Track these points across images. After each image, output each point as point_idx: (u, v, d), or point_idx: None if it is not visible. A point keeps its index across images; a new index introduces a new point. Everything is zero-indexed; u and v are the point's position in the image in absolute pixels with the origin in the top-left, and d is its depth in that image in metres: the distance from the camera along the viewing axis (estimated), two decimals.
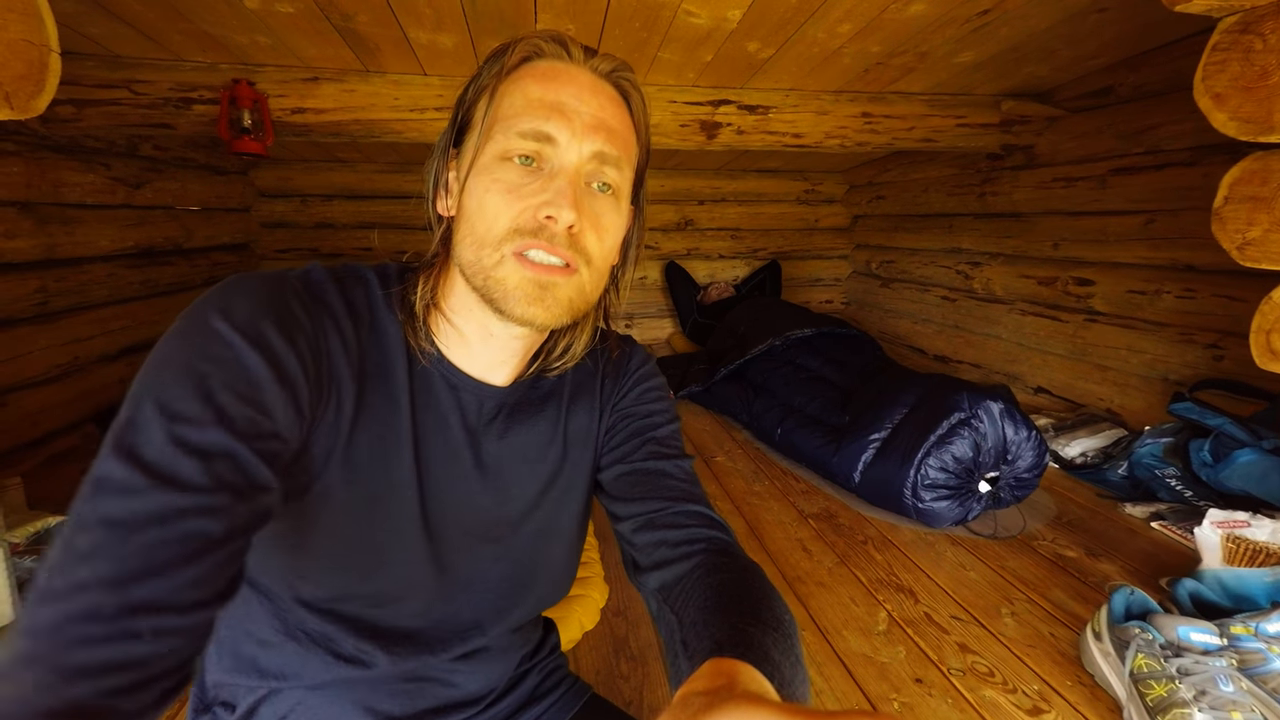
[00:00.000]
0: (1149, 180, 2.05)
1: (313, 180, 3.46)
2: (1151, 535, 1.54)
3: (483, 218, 0.49)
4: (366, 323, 0.52)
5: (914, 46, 1.93)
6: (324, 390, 0.47)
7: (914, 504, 1.54)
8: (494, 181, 0.49)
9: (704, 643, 0.43)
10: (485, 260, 0.49)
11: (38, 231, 1.91)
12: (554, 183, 0.49)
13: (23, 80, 0.68)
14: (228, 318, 0.41)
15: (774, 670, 0.38)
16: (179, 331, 0.41)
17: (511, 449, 0.58)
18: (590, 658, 1.13)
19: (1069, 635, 1.18)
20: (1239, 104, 0.91)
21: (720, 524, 0.58)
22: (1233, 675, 0.89)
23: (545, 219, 0.48)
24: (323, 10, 1.61)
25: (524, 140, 0.49)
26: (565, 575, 0.64)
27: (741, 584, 0.49)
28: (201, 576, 0.36)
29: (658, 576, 0.54)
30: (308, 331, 0.45)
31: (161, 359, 0.40)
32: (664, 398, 0.67)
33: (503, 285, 0.49)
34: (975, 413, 1.53)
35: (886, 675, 1.08)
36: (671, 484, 0.59)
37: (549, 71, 0.51)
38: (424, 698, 0.58)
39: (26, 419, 1.89)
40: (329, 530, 0.50)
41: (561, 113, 0.49)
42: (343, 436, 0.49)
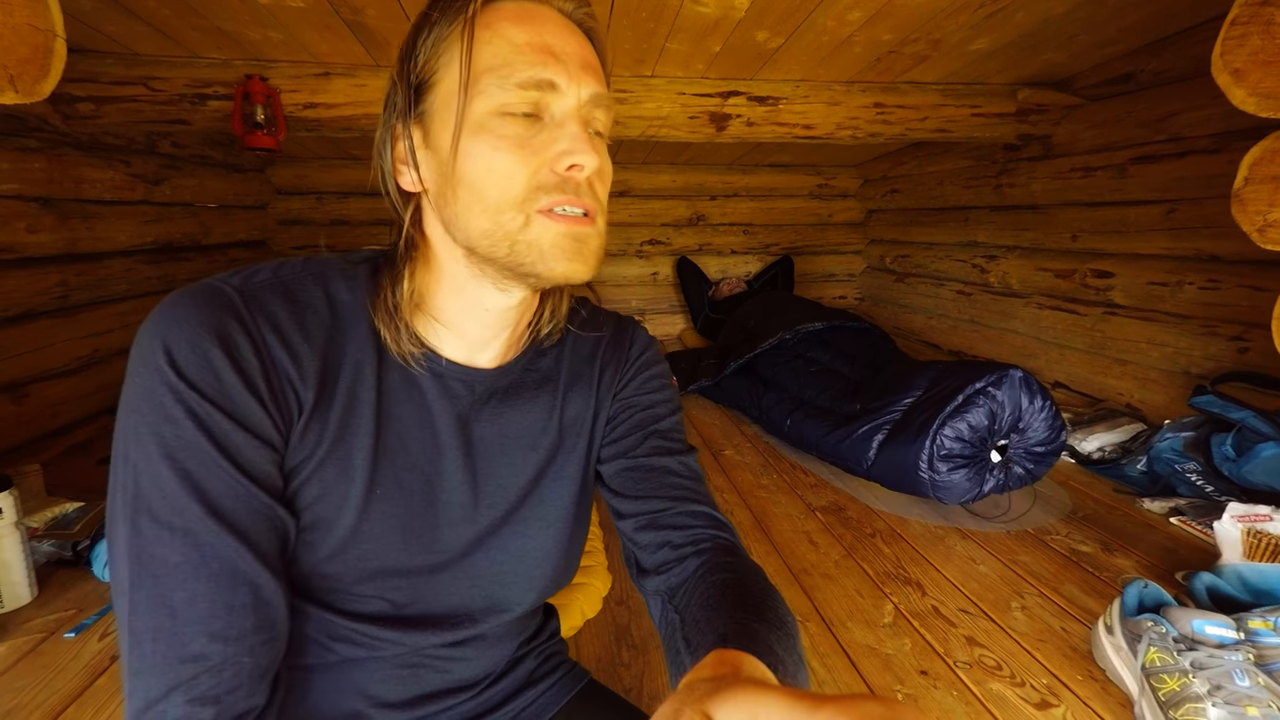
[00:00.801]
0: (1171, 169, 1.99)
1: (328, 177, 3.50)
2: (1170, 530, 1.50)
3: (495, 180, 0.46)
4: (324, 321, 0.49)
5: (926, 34, 1.90)
6: (281, 405, 0.46)
7: (930, 477, 1.51)
8: (500, 139, 0.46)
9: (706, 637, 0.42)
10: (508, 224, 0.46)
11: (59, 227, 1.96)
12: (565, 129, 0.46)
13: (27, 64, 0.70)
14: (176, 371, 0.42)
15: (777, 663, 0.38)
16: (135, 394, 0.42)
17: (503, 435, 0.57)
18: (592, 645, 1.13)
19: (1081, 630, 1.15)
20: (1259, 79, 0.88)
21: (724, 524, 0.57)
22: (1249, 670, 0.86)
23: (568, 169, 0.46)
24: (333, 5, 1.62)
25: (525, 90, 0.46)
26: (563, 564, 0.62)
27: (744, 584, 0.48)
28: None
29: (662, 580, 0.53)
30: (249, 353, 0.44)
31: (132, 430, 0.42)
32: (666, 385, 0.66)
33: (536, 246, 0.46)
34: (996, 380, 1.51)
35: (891, 667, 1.07)
36: (675, 481, 0.58)
37: (523, 12, 0.47)
38: (419, 683, 0.58)
39: (47, 409, 1.94)
40: (316, 527, 0.49)
41: (554, 56, 0.46)
42: (308, 446, 0.48)
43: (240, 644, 0.43)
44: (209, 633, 0.42)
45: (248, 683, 0.43)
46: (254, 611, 0.44)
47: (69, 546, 1.36)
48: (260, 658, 0.44)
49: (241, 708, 0.43)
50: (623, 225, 3.85)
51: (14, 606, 1.20)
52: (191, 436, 0.42)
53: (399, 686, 0.57)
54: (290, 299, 0.48)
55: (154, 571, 0.41)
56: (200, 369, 0.42)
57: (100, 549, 1.31)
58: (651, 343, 0.66)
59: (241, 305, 0.45)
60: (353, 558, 0.51)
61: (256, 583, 0.44)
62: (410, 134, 0.49)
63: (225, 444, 0.43)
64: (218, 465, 0.43)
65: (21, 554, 1.20)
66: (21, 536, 1.21)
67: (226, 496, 0.43)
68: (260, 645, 0.44)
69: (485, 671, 0.62)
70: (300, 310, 0.48)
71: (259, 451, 0.45)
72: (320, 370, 0.48)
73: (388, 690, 0.56)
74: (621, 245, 3.88)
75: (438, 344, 0.53)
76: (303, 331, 0.48)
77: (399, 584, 0.53)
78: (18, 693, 0.99)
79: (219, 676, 0.42)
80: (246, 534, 0.44)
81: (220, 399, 0.43)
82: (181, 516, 0.42)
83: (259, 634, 0.44)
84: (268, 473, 0.46)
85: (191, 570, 0.42)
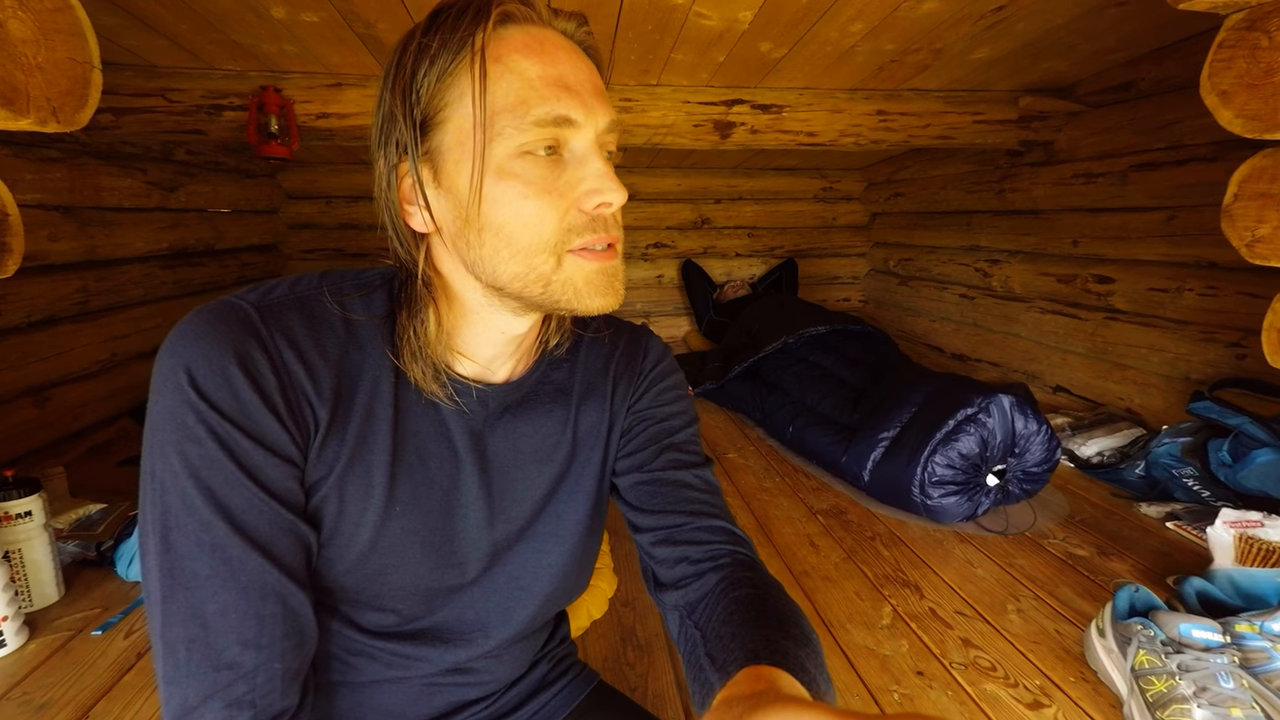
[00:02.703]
0: (1170, 176, 2.01)
1: (338, 182, 3.55)
2: (1166, 535, 1.53)
3: (525, 227, 0.46)
4: (340, 337, 0.50)
5: (928, 44, 1.93)
6: (299, 421, 0.47)
7: (922, 501, 1.55)
8: (526, 185, 0.45)
9: (735, 653, 0.42)
10: (541, 268, 0.47)
11: (79, 234, 2.01)
12: (589, 167, 0.46)
13: (68, 96, 0.74)
14: (196, 390, 0.43)
15: (810, 681, 0.38)
16: (158, 413, 0.44)
17: (517, 449, 0.57)
18: (598, 645, 1.16)
19: (1075, 633, 1.18)
20: (1245, 101, 0.91)
21: (742, 538, 0.57)
22: (1233, 672, 0.89)
23: (597, 208, 0.47)
24: (345, 19, 1.66)
25: (543, 129, 0.45)
26: (576, 577, 0.63)
27: (766, 600, 0.48)
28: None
29: (680, 595, 0.53)
30: (267, 371, 0.45)
31: (158, 448, 0.44)
32: (682, 396, 0.65)
33: (571, 285, 0.47)
34: (985, 408, 1.53)
35: (888, 668, 1.10)
36: (692, 495, 0.58)
37: (531, 42, 0.46)
38: (437, 700, 0.59)
39: (69, 412, 1.99)
40: (335, 541, 0.50)
41: (569, 89, 0.46)
42: (327, 462, 0.49)
43: (271, 650, 0.45)
44: (241, 641, 0.43)
45: (280, 686, 0.45)
46: (283, 620, 0.46)
47: (93, 547, 1.41)
48: (291, 662, 0.46)
49: (276, 710, 0.45)
50: (628, 228, 3.87)
51: (42, 605, 1.24)
52: (214, 455, 0.43)
53: (417, 705, 0.58)
54: (307, 315, 0.49)
55: (185, 584, 0.43)
56: (219, 388, 0.43)
57: (124, 549, 1.36)
58: (666, 353, 0.66)
59: (259, 322, 0.46)
60: (372, 571, 0.51)
61: (283, 593, 0.46)
62: (418, 172, 0.47)
63: (246, 462, 0.44)
64: (240, 483, 0.44)
65: (50, 554, 1.25)
66: (50, 537, 1.25)
67: (249, 513, 0.44)
68: (290, 650, 0.46)
69: (501, 683, 0.63)
70: (317, 327, 0.49)
71: (279, 469, 0.46)
72: (336, 386, 0.49)
73: (407, 709, 0.57)
74: (627, 248, 3.88)
75: (452, 364, 0.54)
76: (319, 348, 0.48)
77: (416, 599, 0.54)
78: (49, 688, 1.04)
79: (253, 682, 0.44)
80: (270, 548, 0.45)
81: (239, 418, 0.44)
82: (209, 532, 0.43)
83: (288, 640, 0.46)
84: (289, 489, 0.47)
85: (221, 583, 0.43)
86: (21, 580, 1.21)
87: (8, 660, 1.10)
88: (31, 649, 1.13)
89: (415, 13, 1.64)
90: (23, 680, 1.05)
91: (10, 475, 1.21)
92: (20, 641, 1.13)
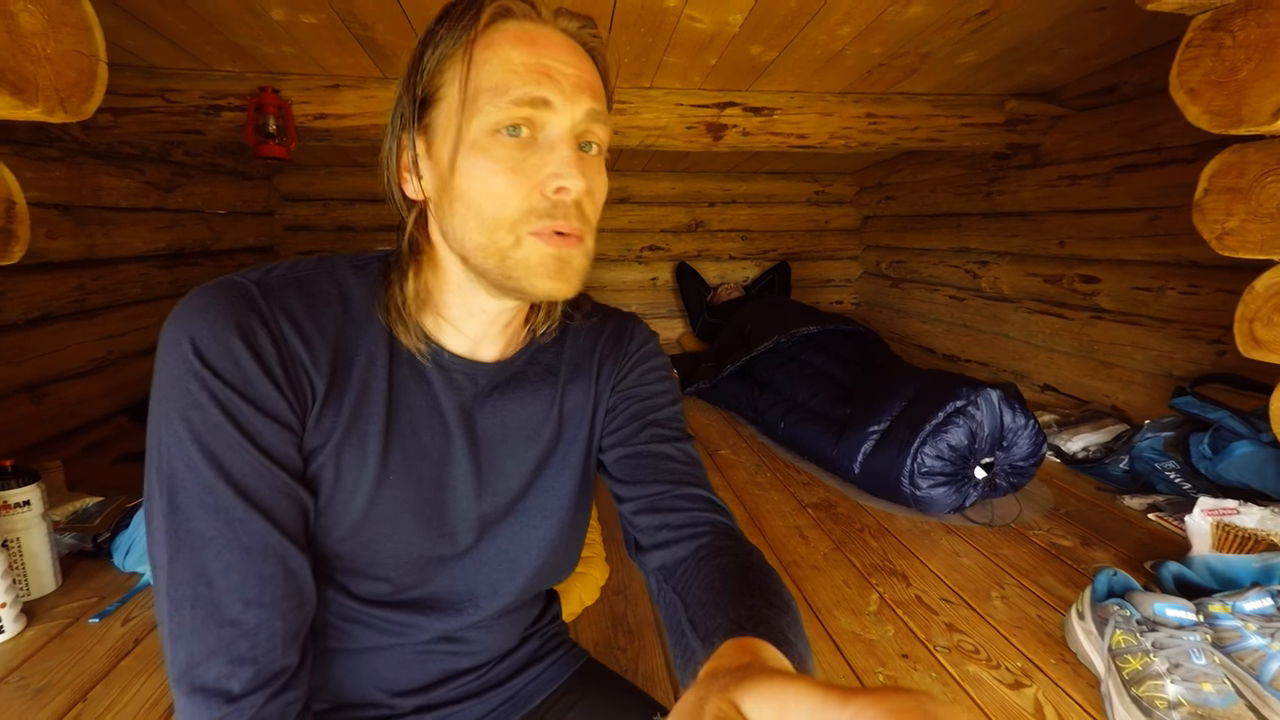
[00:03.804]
0: (1152, 177, 2.06)
1: (334, 185, 3.57)
2: (1148, 526, 1.56)
3: (490, 200, 0.48)
4: (337, 315, 0.52)
5: (915, 48, 1.97)
6: (297, 390, 0.49)
7: (911, 492, 1.58)
8: (495, 161, 0.48)
9: (717, 621, 0.43)
10: (500, 242, 0.49)
11: (78, 233, 2.03)
12: (556, 153, 0.48)
13: (75, 87, 0.76)
14: (200, 359, 0.46)
15: (792, 650, 0.39)
16: (164, 382, 0.46)
17: (505, 426, 0.59)
18: (590, 631, 1.18)
19: (1056, 618, 1.21)
20: (1211, 98, 0.94)
21: (721, 507, 0.58)
22: (1205, 649, 0.91)
23: (556, 192, 0.48)
24: (344, 21, 1.69)
25: (517, 108, 0.47)
26: (564, 554, 0.64)
27: (746, 567, 0.49)
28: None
29: (659, 556, 0.55)
30: (267, 342, 0.48)
31: (163, 415, 0.46)
32: (666, 378, 0.67)
33: (524, 265, 0.49)
34: (973, 400, 1.56)
35: (874, 651, 1.12)
36: (672, 466, 0.59)
37: (524, 35, 0.49)
38: (428, 669, 0.60)
39: (66, 409, 2.00)
40: (332, 509, 0.52)
41: (549, 75, 0.48)
42: (324, 431, 0.51)
43: (273, 609, 0.47)
44: (244, 600, 0.46)
45: (281, 645, 0.47)
46: (284, 580, 0.48)
47: (90, 539, 1.42)
48: (291, 622, 0.48)
49: (277, 667, 0.47)
50: (623, 231, 3.92)
51: (40, 594, 1.26)
52: (216, 420, 0.46)
53: (410, 673, 0.60)
54: (305, 293, 0.51)
55: (191, 544, 0.45)
56: (222, 357, 0.46)
57: (120, 540, 1.37)
58: (651, 337, 0.68)
59: (260, 298, 0.49)
60: (366, 539, 0.54)
61: (284, 555, 0.48)
62: (415, 145, 0.51)
63: (247, 427, 0.46)
64: (242, 447, 0.46)
65: (47, 544, 1.26)
66: (48, 528, 1.27)
67: (250, 476, 0.47)
68: (291, 610, 0.48)
69: (491, 654, 0.65)
70: (314, 304, 0.51)
71: (279, 434, 0.48)
72: (333, 360, 0.51)
73: (400, 676, 0.59)
74: (621, 251, 3.95)
75: (442, 338, 0.56)
76: (316, 323, 0.51)
77: (409, 568, 0.56)
78: (48, 672, 1.05)
79: (255, 639, 0.46)
80: (271, 511, 0.47)
81: (241, 385, 0.46)
82: (213, 494, 0.46)
83: (289, 600, 0.48)
84: (288, 454, 0.49)
85: (225, 543, 0.46)
86: (19, 569, 1.22)
87: (6, 646, 1.11)
88: (29, 636, 1.14)
89: (412, 15, 1.67)
90: (21, 665, 1.06)
91: (9, 465, 1.23)
92: (18, 628, 1.15)
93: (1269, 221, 0.95)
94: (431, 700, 0.61)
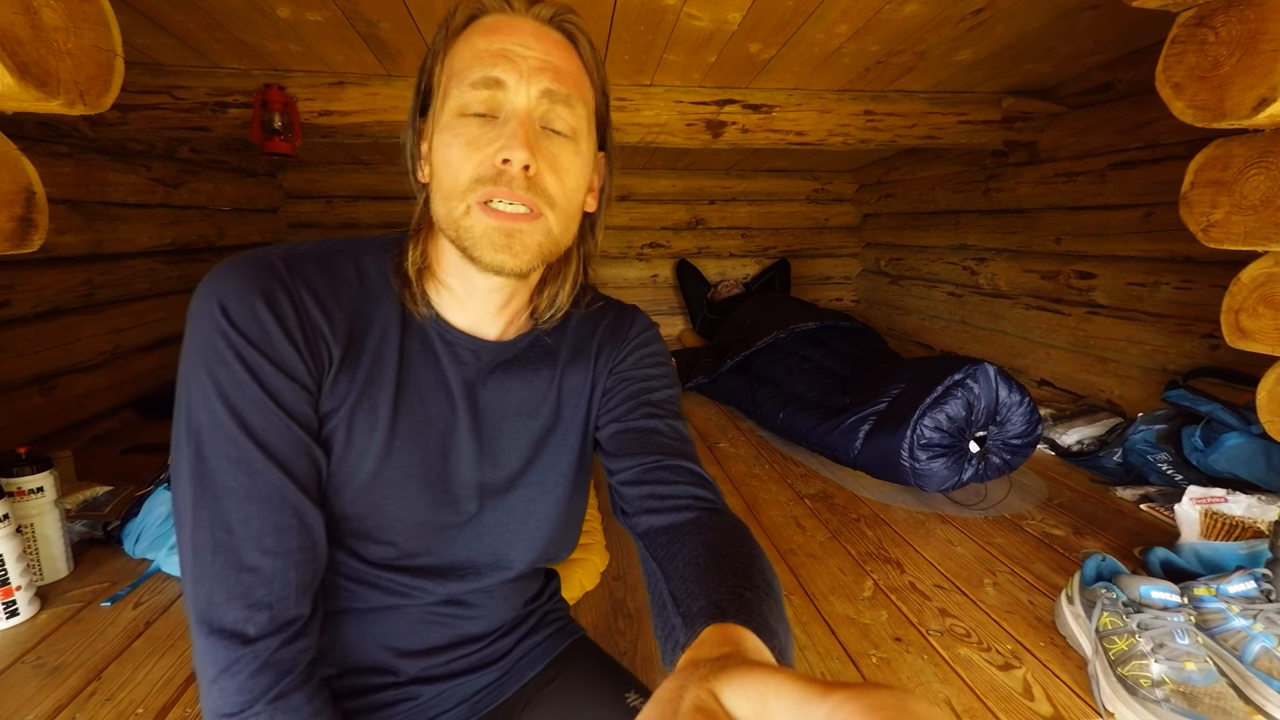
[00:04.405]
0: (1147, 174, 2.08)
1: (337, 182, 3.60)
2: (1139, 516, 1.58)
3: (448, 171, 0.52)
4: (354, 289, 0.56)
5: (912, 46, 1.99)
6: (315, 354, 0.53)
7: (911, 465, 1.59)
8: (454, 136, 0.52)
9: (699, 602, 0.44)
10: (454, 211, 0.53)
11: (85, 228, 2.06)
12: (506, 127, 0.51)
13: (94, 80, 0.79)
14: (228, 319, 0.49)
15: (772, 639, 0.40)
16: (194, 340, 0.50)
17: (506, 402, 0.62)
18: (590, 614, 1.21)
19: (1047, 603, 1.23)
20: (1195, 92, 0.97)
21: (708, 481, 0.60)
22: (1189, 629, 0.94)
23: (502, 163, 0.51)
24: (349, 18, 1.72)
25: (475, 90, 0.51)
26: (563, 531, 0.67)
27: (730, 544, 0.51)
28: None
29: (644, 521, 0.57)
30: (289, 309, 0.51)
31: (192, 371, 0.50)
32: (663, 364, 0.69)
33: (470, 234, 0.52)
34: (971, 374, 1.59)
35: (868, 635, 1.15)
36: (661, 440, 0.62)
37: (493, 25, 0.53)
38: (431, 634, 0.63)
39: (74, 401, 2.03)
40: (343, 470, 0.55)
41: (507, 58, 0.52)
42: (339, 395, 0.54)
43: (287, 559, 0.50)
44: (261, 548, 0.49)
45: (295, 594, 0.50)
46: (298, 533, 0.51)
47: (100, 527, 1.45)
48: (304, 574, 0.51)
49: (290, 615, 0.50)
50: (623, 229, 3.95)
51: (52, 579, 1.29)
52: (241, 377, 0.49)
53: (415, 634, 0.62)
54: (326, 268, 0.56)
55: (214, 493, 0.49)
56: (247, 319, 0.50)
57: (131, 528, 1.40)
58: (651, 326, 0.71)
59: (284, 270, 0.53)
60: (374, 502, 0.57)
61: (300, 508, 0.51)
62: (419, 134, 0.58)
63: (268, 385, 0.50)
64: (263, 404, 0.50)
65: (60, 530, 1.29)
66: (60, 514, 1.30)
67: (270, 432, 0.50)
68: (304, 562, 0.51)
69: (493, 626, 0.67)
70: (334, 278, 0.55)
71: (297, 393, 0.52)
72: (349, 330, 0.55)
73: (405, 636, 0.62)
74: (622, 248, 3.98)
75: (445, 311, 0.60)
76: (335, 296, 0.55)
77: (414, 532, 0.59)
78: (62, 653, 1.08)
79: (270, 586, 0.49)
80: (289, 466, 0.51)
81: (264, 345, 0.50)
82: (236, 447, 0.49)
83: (303, 552, 0.51)
84: (305, 413, 0.52)
85: (245, 494, 0.49)
86: (33, 554, 1.25)
87: (21, 628, 1.14)
88: (43, 618, 1.17)
89: (416, 13, 1.70)
90: (36, 645, 1.09)
91: (23, 452, 1.25)
92: (33, 611, 1.18)
93: (1252, 213, 0.98)
94: (433, 667, 0.64)
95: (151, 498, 1.42)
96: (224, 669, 0.48)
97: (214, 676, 0.48)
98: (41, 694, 0.98)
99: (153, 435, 2.12)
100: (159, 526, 1.38)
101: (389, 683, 0.62)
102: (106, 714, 0.94)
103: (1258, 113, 0.87)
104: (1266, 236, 0.97)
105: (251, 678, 0.48)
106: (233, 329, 0.49)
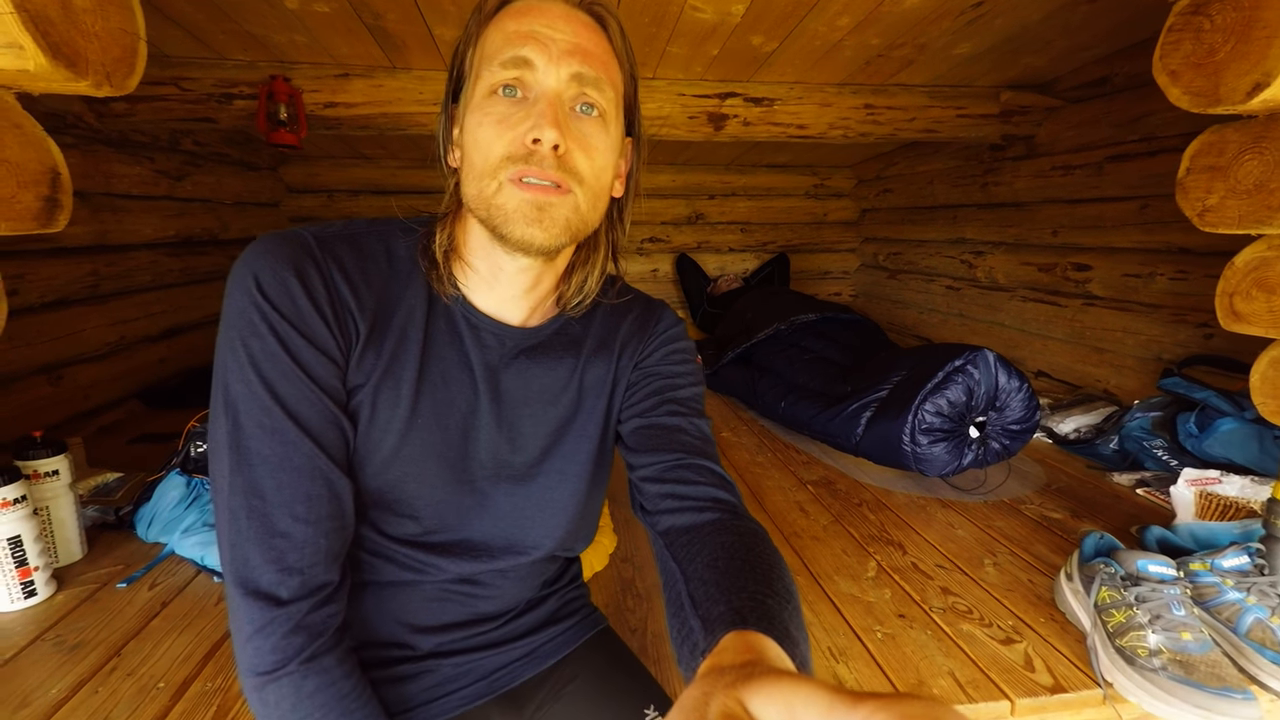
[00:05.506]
0: (1143, 166, 2.11)
1: (339, 176, 3.61)
2: (1136, 500, 1.61)
3: (479, 150, 0.53)
4: (382, 270, 0.58)
5: (912, 39, 2.02)
6: (343, 329, 0.55)
7: (912, 450, 1.62)
8: (485, 115, 0.53)
9: (719, 607, 0.43)
10: (486, 189, 0.53)
11: (91, 219, 2.07)
12: (536, 107, 0.52)
13: (119, 63, 0.81)
14: (261, 293, 0.51)
15: (794, 648, 0.39)
16: (231, 313, 0.52)
17: (527, 388, 0.63)
18: (600, 594, 1.23)
19: (1046, 582, 1.26)
20: (1191, 79, 0.99)
21: (728, 483, 0.60)
22: (1185, 601, 0.97)
23: (532, 143, 0.52)
24: (355, 10, 1.74)
25: (505, 70, 0.52)
26: (579, 519, 0.67)
27: (751, 549, 0.51)
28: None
29: (664, 520, 0.58)
30: (319, 284, 0.53)
31: (228, 342, 0.52)
32: (689, 360, 0.70)
33: (503, 210, 0.53)
34: (971, 359, 1.61)
35: (872, 612, 1.17)
36: (684, 439, 0.62)
37: (523, 8, 0.55)
38: (447, 611, 0.64)
39: (80, 391, 2.04)
40: (366, 444, 0.57)
41: (536, 39, 0.53)
42: (365, 370, 0.56)
43: (318, 527, 0.52)
44: (293, 515, 0.51)
45: (324, 560, 0.52)
46: (328, 501, 0.53)
47: (112, 512, 1.47)
48: (333, 542, 0.53)
49: (320, 580, 0.52)
50: None
51: (67, 561, 1.30)
52: (273, 349, 0.51)
53: (430, 610, 0.64)
54: (355, 249, 0.58)
55: (250, 461, 0.51)
56: (280, 293, 0.52)
57: (143, 512, 1.41)
58: (678, 323, 0.72)
59: (315, 248, 0.55)
60: (395, 477, 0.58)
61: (330, 478, 0.53)
62: (450, 119, 0.60)
63: (299, 357, 0.52)
64: (294, 375, 0.52)
65: (74, 513, 1.31)
66: (74, 498, 1.31)
67: (301, 403, 0.52)
68: (334, 530, 0.53)
69: (507, 606, 0.69)
70: (363, 258, 0.58)
71: (326, 366, 0.54)
72: (376, 308, 0.57)
73: (420, 611, 0.64)
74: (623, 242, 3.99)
75: (471, 294, 0.61)
76: (363, 275, 0.57)
77: (433, 510, 0.61)
78: (81, 631, 1.09)
79: (302, 552, 0.51)
80: (320, 437, 0.53)
81: (295, 319, 0.52)
82: (270, 416, 0.51)
83: (332, 520, 0.53)
84: (333, 386, 0.54)
85: (279, 462, 0.51)
86: (48, 536, 1.27)
87: (39, 608, 1.16)
88: (60, 599, 1.19)
89: (422, 4, 1.71)
90: (55, 624, 1.11)
91: (39, 436, 1.27)
92: (49, 592, 1.19)
93: (1245, 197, 1.00)
94: (449, 642, 0.65)
95: (163, 483, 1.43)
96: (259, 629, 0.50)
97: (249, 635, 0.50)
98: (63, 669, 1.00)
99: (160, 425, 2.13)
100: (171, 511, 1.39)
101: (406, 656, 0.64)
102: (128, 688, 0.96)
103: (1252, 98, 0.89)
104: (1260, 220, 1.00)
105: (285, 638, 0.50)
106: (266, 302, 0.51)
